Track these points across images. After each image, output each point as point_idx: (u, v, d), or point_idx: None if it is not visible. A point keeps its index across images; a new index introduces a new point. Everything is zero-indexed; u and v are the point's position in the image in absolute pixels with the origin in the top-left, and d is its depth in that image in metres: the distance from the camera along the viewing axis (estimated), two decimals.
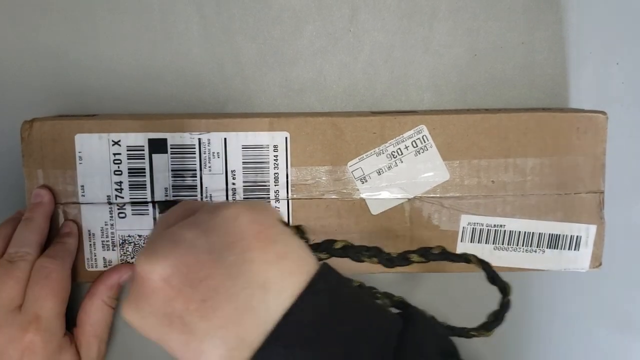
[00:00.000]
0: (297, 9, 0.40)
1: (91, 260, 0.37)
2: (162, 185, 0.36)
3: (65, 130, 0.36)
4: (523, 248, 0.38)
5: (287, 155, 0.37)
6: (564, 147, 0.37)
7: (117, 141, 0.36)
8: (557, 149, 0.37)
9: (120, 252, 0.37)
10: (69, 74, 0.40)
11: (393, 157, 0.37)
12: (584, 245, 0.39)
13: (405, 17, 0.41)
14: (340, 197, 0.37)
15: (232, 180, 0.37)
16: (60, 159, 0.36)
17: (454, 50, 0.41)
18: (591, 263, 0.39)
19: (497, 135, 0.37)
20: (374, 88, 0.41)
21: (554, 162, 0.37)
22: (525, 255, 0.39)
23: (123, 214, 0.37)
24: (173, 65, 0.40)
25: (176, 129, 0.36)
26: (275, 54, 0.41)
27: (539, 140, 0.37)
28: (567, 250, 0.39)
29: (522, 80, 0.42)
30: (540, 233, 0.38)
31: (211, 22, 0.40)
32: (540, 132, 0.37)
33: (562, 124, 0.37)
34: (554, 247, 0.38)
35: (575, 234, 0.38)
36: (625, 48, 0.42)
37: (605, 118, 0.37)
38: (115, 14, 0.40)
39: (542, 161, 0.37)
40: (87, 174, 0.36)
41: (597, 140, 0.37)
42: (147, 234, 0.37)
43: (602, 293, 0.44)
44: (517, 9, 0.41)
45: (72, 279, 0.37)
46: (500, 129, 0.37)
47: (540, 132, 0.37)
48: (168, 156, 0.36)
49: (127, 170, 0.36)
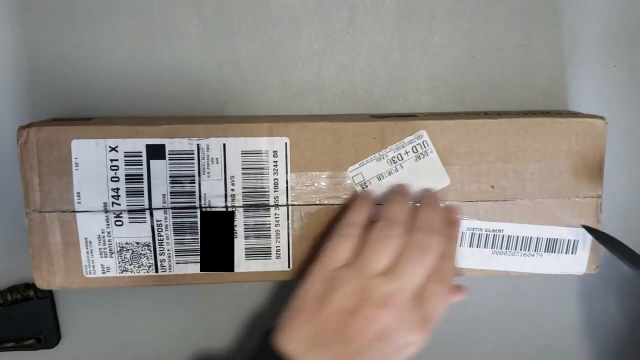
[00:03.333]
0: (296, 10, 0.40)
1: (89, 267, 0.37)
2: (160, 191, 0.36)
3: (62, 136, 0.35)
4: (521, 252, 0.39)
5: (286, 161, 0.36)
6: (564, 153, 0.37)
7: (114, 147, 0.35)
8: (556, 155, 0.37)
9: (118, 259, 0.37)
10: (67, 76, 0.40)
11: (393, 162, 0.37)
12: (581, 249, 0.39)
13: (404, 19, 0.40)
14: (341, 203, 0.37)
15: (232, 186, 0.36)
16: (56, 165, 0.35)
17: (452, 52, 0.41)
18: (588, 267, 0.39)
19: (497, 140, 0.37)
20: (372, 90, 0.41)
21: (553, 168, 0.37)
22: (523, 259, 0.39)
23: (120, 222, 0.36)
24: (172, 66, 0.40)
25: (175, 135, 0.35)
26: (274, 56, 0.40)
27: (539, 145, 0.37)
28: (565, 254, 0.39)
29: (520, 82, 0.42)
30: (538, 237, 0.38)
31: (210, 23, 0.40)
32: (540, 138, 0.37)
33: (562, 129, 0.37)
34: (551, 251, 0.39)
35: (572, 238, 0.38)
36: (622, 50, 0.42)
37: (605, 124, 0.37)
38: (113, 14, 0.39)
39: (541, 166, 0.37)
40: (84, 181, 0.36)
41: (596, 145, 0.37)
42: (145, 240, 0.37)
43: (597, 296, 0.45)
44: (515, 11, 0.41)
45: (68, 285, 0.36)
46: (500, 135, 0.37)
47: (540, 137, 0.37)
48: (166, 162, 0.36)
49: (125, 177, 0.36)
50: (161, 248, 0.37)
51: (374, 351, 0.32)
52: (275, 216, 0.37)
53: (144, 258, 0.37)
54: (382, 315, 0.32)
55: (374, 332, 0.32)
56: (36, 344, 0.43)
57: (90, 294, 0.43)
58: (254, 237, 0.37)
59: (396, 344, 0.32)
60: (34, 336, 0.42)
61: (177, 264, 0.37)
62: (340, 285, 0.33)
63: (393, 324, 0.32)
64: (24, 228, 0.36)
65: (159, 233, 0.37)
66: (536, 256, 0.39)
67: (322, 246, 0.35)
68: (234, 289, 0.44)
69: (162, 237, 0.37)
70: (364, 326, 0.32)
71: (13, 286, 0.42)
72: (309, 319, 0.33)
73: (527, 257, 0.39)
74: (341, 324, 0.32)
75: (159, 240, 0.37)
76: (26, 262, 0.42)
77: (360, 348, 0.32)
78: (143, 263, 0.37)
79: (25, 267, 0.42)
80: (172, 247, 0.37)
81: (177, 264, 0.37)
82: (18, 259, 0.42)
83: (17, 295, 0.41)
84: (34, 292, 0.42)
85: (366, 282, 0.32)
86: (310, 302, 0.33)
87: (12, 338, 0.42)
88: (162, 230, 0.37)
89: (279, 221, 0.37)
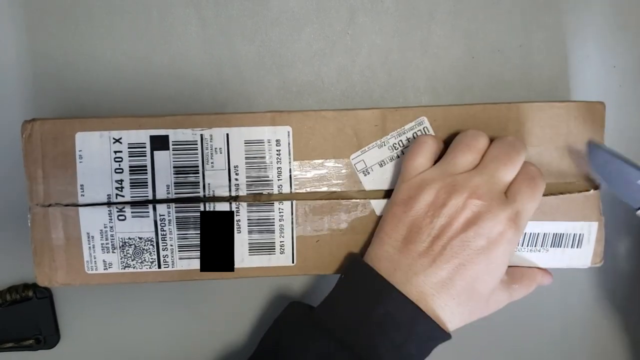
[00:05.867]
0: (296, 11, 0.41)
1: (91, 263, 0.36)
2: (164, 182, 0.36)
3: (66, 128, 0.35)
4: (528, 248, 0.38)
5: (289, 150, 0.37)
6: (562, 137, 0.38)
7: (118, 139, 0.36)
8: (555, 138, 0.38)
9: (121, 255, 0.36)
10: (66, 77, 0.40)
11: (394, 148, 0.37)
12: (586, 243, 0.38)
13: (403, 20, 0.41)
14: (343, 190, 0.37)
15: (235, 176, 0.36)
16: (60, 158, 0.36)
17: (451, 52, 0.42)
18: (592, 259, 0.39)
19: (497, 125, 0.37)
20: (372, 90, 0.42)
21: (552, 150, 0.38)
22: (529, 254, 0.38)
23: (123, 217, 0.36)
24: (171, 67, 0.41)
25: (178, 126, 0.36)
26: (274, 56, 0.41)
27: (538, 129, 0.37)
28: (570, 248, 0.38)
29: (520, 82, 0.42)
30: (545, 233, 0.38)
31: (210, 23, 0.41)
32: (539, 122, 0.37)
33: (560, 113, 0.38)
34: (557, 246, 0.38)
35: (578, 232, 0.38)
36: (622, 51, 0.42)
37: (603, 107, 0.38)
38: (113, 15, 0.40)
39: (540, 150, 0.38)
40: (87, 173, 0.36)
41: (595, 128, 0.38)
42: (148, 235, 0.36)
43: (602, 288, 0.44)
44: (515, 11, 0.41)
45: (70, 282, 0.36)
46: (500, 120, 0.37)
47: (539, 121, 0.37)
48: (170, 153, 0.36)
49: (128, 168, 0.36)
50: (164, 243, 0.37)
51: (464, 240, 0.32)
52: (280, 211, 0.37)
53: (147, 254, 0.37)
54: (471, 203, 0.32)
55: (464, 220, 0.32)
56: (35, 345, 0.42)
57: (89, 294, 0.42)
58: (258, 232, 0.37)
59: (486, 233, 0.32)
60: (33, 337, 0.42)
61: (181, 260, 0.37)
62: (428, 183, 0.33)
63: (482, 212, 0.32)
64: (23, 228, 0.36)
65: (162, 228, 0.36)
66: (542, 251, 0.38)
67: (404, 157, 0.35)
68: (237, 289, 0.43)
69: (165, 232, 0.36)
70: (454, 215, 0.32)
71: (12, 286, 0.42)
72: (400, 220, 0.33)
73: (533, 252, 0.38)
74: (431, 217, 0.32)
75: (162, 235, 0.36)
76: (25, 262, 0.41)
77: (450, 238, 0.32)
78: (146, 259, 0.37)
79: (24, 268, 0.42)
80: (175, 242, 0.37)
81: (181, 259, 0.37)
82: (17, 259, 0.42)
83: (16, 295, 0.41)
84: (33, 292, 0.41)
85: (453, 178, 0.33)
86: (400, 207, 0.34)
87: (11, 338, 0.42)
88: (165, 225, 0.36)
89: (283, 216, 0.37)
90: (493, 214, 0.32)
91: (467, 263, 0.32)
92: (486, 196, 0.32)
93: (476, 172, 0.33)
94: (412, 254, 0.33)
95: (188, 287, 0.43)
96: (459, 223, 0.32)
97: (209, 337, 0.43)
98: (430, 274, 0.32)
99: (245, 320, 0.43)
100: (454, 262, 0.32)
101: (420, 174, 0.34)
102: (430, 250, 0.32)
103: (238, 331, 0.43)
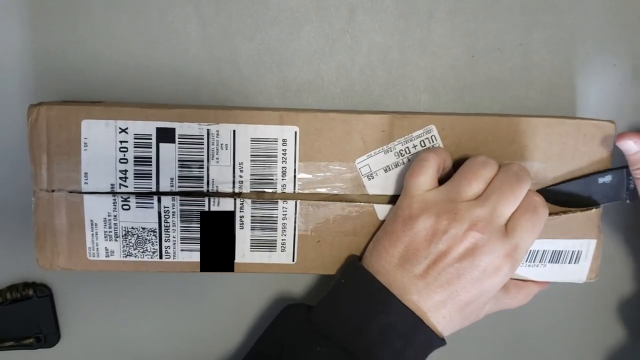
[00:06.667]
0: (295, 9, 0.40)
1: (93, 250, 0.37)
2: (168, 175, 0.36)
3: (72, 115, 0.35)
4: (526, 264, 0.39)
5: (295, 150, 0.36)
6: (570, 154, 0.37)
7: (124, 129, 0.36)
8: (562, 155, 0.37)
9: (123, 243, 0.37)
10: (65, 74, 0.40)
11: (401, 155, 0.37)
12: (584, 259, 0.39)
13: (403, 18, 0.41)
14: (347, 193, 0.37)
15: (240, 172, 0.36)
16: (65, 145, 0.35)
17: (451, 51, 0.41)
18: (588, 275, 0.39)
19: (505, 138, 0.37)
20: (372, 89, 0.41)
21: (557, 168, 0.38)
22: (527, 269, 0.39)
23: (127, 206, 0.36)
24: (171, 65, 0.40)
25: (185, 119, 0.36)
26: (273, 55, 0.40)
27: (546, 144, 0.37)
28: (568, 264, 0.39)
29: (520, 82, 0.42)
30: (544, 250, 0.38)
31: (209, 22, 0.40)
32: (547, 137, 0.37)
33: (570, 130, 0.37)
34: (555, 262, 0.39)
35: (577, 249, 0.38)
36: (622, 49, 0.42)
37: (613, 127, 0.37)
38: (112, 13, 0.39)
39: (546, 166, 0.38)
40: (92, 161, 0.36)
41: (603, 148, 0.38)
42: (151, 226, 0.37)
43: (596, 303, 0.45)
44: (514, 10, 0.41)
45: (71, 267, 0.36)
46: (508, 133, 0.37)
47: (547, 136, 0.37)
48: (175, 146, 0.36)
49: (133, 159, 0.36)
50: (167, 235, 0.37)
51: (460, 270, 0.32)
52: (283, 209, 0.37)
53: (149, 244, 0.37)
54: (470, 235, 0.32)
55: (462, 250, 0.33)
56: (36, 343, 0.42)
57: (90, 293, 0.43)
58: (260, 229, 0.37)
59: (482, 266, 0.33)
60: (33, 335, 0.42)
61: (182, 252, 0.37)
62: (430, 207, 0.33)
63: (480, 246, 0.32)
64: (23, 226, 0.36)
65: (166, 220, 0.37)
66: (540, 266, 0.39)
67: (407, 173, 0.35)
68: (237, 288, 0.43)
69: (168, 223, 0.37)
70: (452, 244, 0.33)
71: (12, 285, 0.42)
72: (399, 238, 0.34)
73: (531, 268, 0.39)
74: (429, 242, 0.33)
75: (165, 227, 0.37)
76: (25, 261, 0.42)
77: (446, 266, 0.33)
78: (147, 249, 0.37)
79: (24, 266, 0.42)
80: (178, 234, 0.37)
81: (182, 251, 0.37)
82: (17, 258, 0.42)
83: (16, 294, 0.41)
84: (34, 291, 0.41)
85: (456, 205, 0.33)
86: (400, 224, 0.34)
87: (12, 337, 0.42)
88: (169, 217, 0.37)
89: (286, 215, 0.37)
90: (491, 248, 0.33)
91: (460, 291, 0.33)
92: (486, 230, 0.33)
93: (478, 203, 0.33)
94: (408, 274, 0.33)
95: (188, 286, 0.43)
96: (457, 252, 0.33)
97: (209, 337, 0.44)
98: (424, 296, 0.33)
99: (244, 320, 0.44)
100: (448, 289, 0.33)
101: (423, 193, 0.34)
102: (426, 274, 0.33)
103: (238, 330, 0.44)
